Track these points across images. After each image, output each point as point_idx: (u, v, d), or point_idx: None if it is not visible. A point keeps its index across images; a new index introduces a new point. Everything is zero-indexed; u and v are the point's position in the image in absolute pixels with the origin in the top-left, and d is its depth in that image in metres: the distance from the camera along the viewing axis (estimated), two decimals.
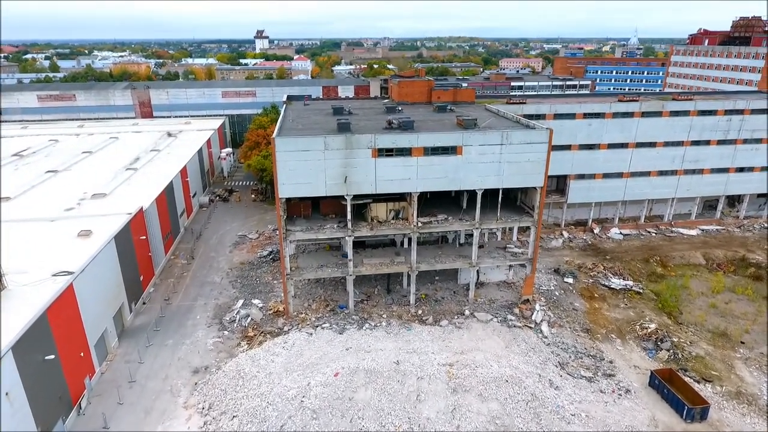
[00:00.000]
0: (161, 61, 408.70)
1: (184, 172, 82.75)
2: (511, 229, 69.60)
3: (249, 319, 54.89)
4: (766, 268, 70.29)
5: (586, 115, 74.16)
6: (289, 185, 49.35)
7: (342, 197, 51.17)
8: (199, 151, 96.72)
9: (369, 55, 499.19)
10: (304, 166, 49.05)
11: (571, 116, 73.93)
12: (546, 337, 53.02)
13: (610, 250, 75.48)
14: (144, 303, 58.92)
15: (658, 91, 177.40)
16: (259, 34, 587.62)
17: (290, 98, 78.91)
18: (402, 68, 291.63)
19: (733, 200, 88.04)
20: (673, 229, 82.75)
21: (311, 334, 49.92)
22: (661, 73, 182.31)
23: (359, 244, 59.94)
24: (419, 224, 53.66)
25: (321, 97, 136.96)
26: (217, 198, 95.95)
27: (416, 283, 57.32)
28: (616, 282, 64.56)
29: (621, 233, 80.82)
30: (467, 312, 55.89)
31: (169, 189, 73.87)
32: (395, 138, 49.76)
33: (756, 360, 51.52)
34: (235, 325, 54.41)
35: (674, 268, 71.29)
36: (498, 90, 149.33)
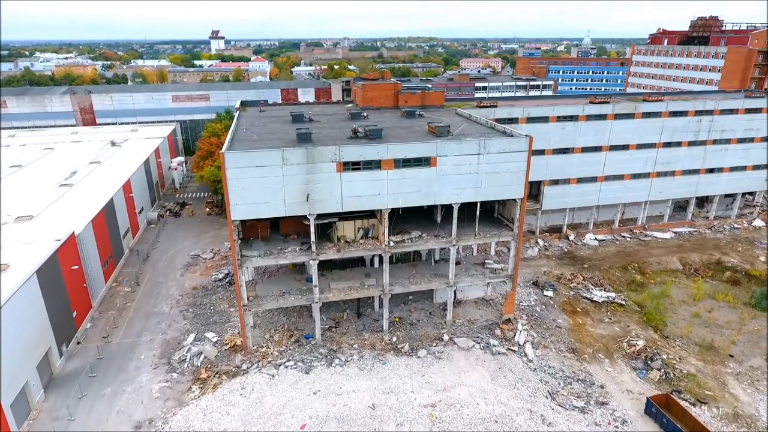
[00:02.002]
0: (109, 63, 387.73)
1: (127, 187, 74.70)
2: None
3: (202, 357, 48.34)
4: (743, 272, 69.10)
5: (560, 118, 71.09)
6: (243, 206, 43.23)
7: (305, 216, 45.49)
8: (147, 162, 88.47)
9: (329, 56, 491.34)
10: (260, 184, 43.05)
11: (545, 119, 70.67)
12: (531, 361, 48.99)
13: (587, 258, 72.71)
14: (78, 343, 51.30)
15: (619, 90, 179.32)
16: (215, 35, 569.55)
17: (244, 104, 72.31)
18: (364, 69, 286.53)
19: (702, 201, 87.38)
20: (647, 232, 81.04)
21: (273, 375, 43.95)
22: (621, 72, 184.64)
23: (325, 264, 54.21)
24: (391, 243, 48.57)
25: (280, 101, 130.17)
26: (168, 213, 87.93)
27: (389, 305, 52.23)
28: (598, 294, 61.47)
29: (596, 239, 78.38)
30: (446, 337, 51.20)
31: (110, 207, 65.97)
32: (362, 150, 44.46)
33: (747, 375, 49.16)
34: (186, 365, 47.72)
35: (653, 275, 69.10)
36: (462, 91, 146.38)
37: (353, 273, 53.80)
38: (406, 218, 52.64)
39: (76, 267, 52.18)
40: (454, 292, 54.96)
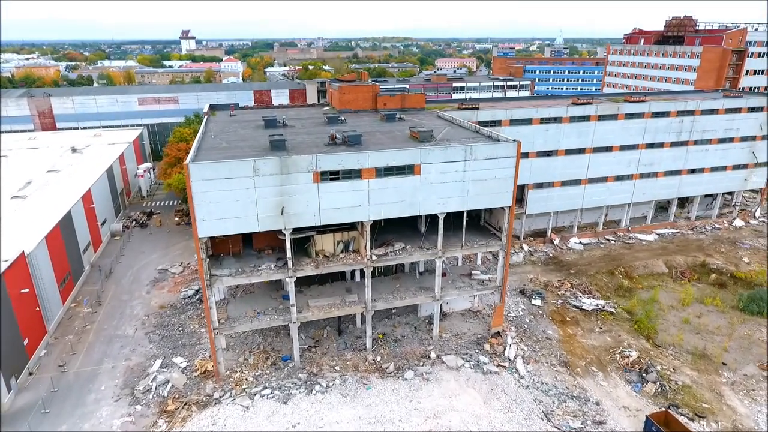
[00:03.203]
0: (73, 63, 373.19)
1: (88, 197, 69.59)
2: None
3: (169, 386, 44.25)
4: (728, 275, 68.37)
5: (543, 120, 69.13)
6: (211, 222, 39.43)
7: (280, 231, 41.94)
8: (110, 169, 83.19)
9: (303, 56, 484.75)
10: (229, 198, 39.32)
11: (528, 122, 68.60)
12: (523, 378, 46.51)
13: (573, 263, 70.96)
14: (31, 374, 46.52)
15: (595, 90, 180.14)
16: (185, 35, 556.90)
17: (213, 107, 68.11)
18: (339, 69, 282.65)
19: (683, 201, 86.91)
20: (631, 235, 79.96)
21: (248, 407, 40.24)
22: (596, 72, 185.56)
23: (303, 279, 50.56)
24: (373, 257, 45.40)
25: (252, 103, 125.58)
26: (134, 223, 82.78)
27: (372, 320, 49.03)
28: (587, 302, 59.57)
29: (581, 243, 76.82)
30: (433, 354, 48.31)
31: (67, 220, 60.99)
32: (341, 158, 41.16)
33: (742, 384, 47.74)
34: (152, 395, 43.57)
35: (639, 279, 67.76)
36: (440, 91, 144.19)
37: (333, 288, 50.42)
38: (388, 229, 49.54)
39: (27, 290, 47.35)
40: (440, 305, 52.11)
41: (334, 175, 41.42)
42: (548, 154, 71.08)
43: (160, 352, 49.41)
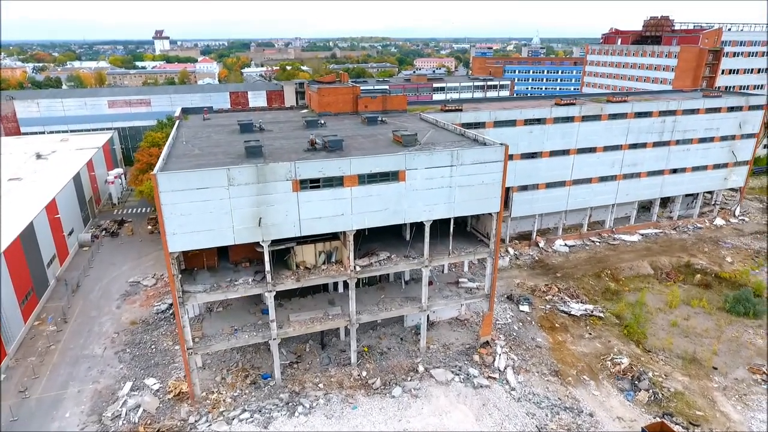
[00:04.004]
0: (41, 65, 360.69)
1: (52, 207, 65.70)
2: None
3: (140, 411, 41.31)
4: (712, 275, 68.23)
5: (527, 122, 67.94)
6: (182, 235, 36.72)
7: (257, 243, 39.45)
8: (78, 176, 79.11)
9: (281, 56, 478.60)
10: (202, 209, 36.68)
11: (512, 123, 67.32)
12: (514, 389, 44.93)
13: (559, 266, 69.95)
14: None
15: (574, 90, 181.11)
16: (158, 35, 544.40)
17: (186, 111, 64.97)
18: (317, 70, 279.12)
19: (665, 200, 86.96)
20: (616, 236, 79.48)
21: None
22: (575, 72, 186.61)
23: (284, 292, 48.12)
24: (357, 268, 43.22)
25: (228, 105, 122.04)
26: (104, 233, 78.85)
27: (356, 332, 46.84)
28: (576, 307, 58.46)
29: (566, 245, 75.95)
30: (421, 368, 46.36)
31: (29, 232, 57.25)
32: (322, 165, 38.88)
33: (733, 389, 47.07)
34: (121, 422, 40.58)
35: (626, 282, 67.11)
36: (421, 92, 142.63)
37: (315, 301, 48.07)
38: (372, 238, 47.43)
39: None
40: (427, 315, 50.21)
41: (314, 183, 39.13)
42: (533, 155, 69.94)
43: (131, 372, 46.32)
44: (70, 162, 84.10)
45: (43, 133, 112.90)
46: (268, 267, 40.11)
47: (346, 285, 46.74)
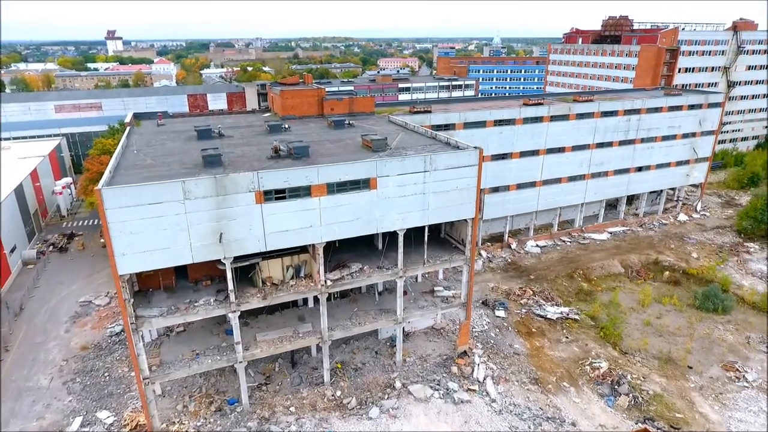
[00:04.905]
0: None
1: None
2: None
3: None
4: (680, 271, 69.02)
5: (497, 123, 66.92)
6: (133, 256, 33.26)
7: (219, 260, 36.34)
8: (20, 187, 73.10)
9: (241, 57, 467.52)
10: (155, 226, 33.33)
11: (482, 124, 66.14)
12: (495, 401, 43.42)
13: (533, 268, 69.26)
14: None
15: (536, 89, 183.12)
16: (111, 35, 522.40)
17: (138, 116, 60.65)
18: (279, 71, 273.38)
19: (631, 198, 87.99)
20: (585, 235, 79.66)
21: None
22: (537, 71, 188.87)
23: (250, 309, 45.07)
24: (328, 282, 40.65)
25: (187, 110, 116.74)
26: (51, 248, 73.15)
27: (329, 348, 44.20)
28: (551, 310, 57.64)
29: (538, 246, 75.48)
30: (398, 384, 44.21)
31: None
32: (287, 174, 36.13)
33: (709, 388, 47.08)
34: None
35: (598, 282, 67.05)
36: (386, 92, 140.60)
37: (284, 317, 45.18)
38: (344, 248, 44.94)
39: None
40: (403, 328, 48.08)
41: (279, 194, 36.35)
42: (503, 157, 69.02)
43: (82, 405, 42.21)
44: (11, 172, 77.72)
45: None
46: (231, 286, 37.05)
47: (316, 299, 44.09)
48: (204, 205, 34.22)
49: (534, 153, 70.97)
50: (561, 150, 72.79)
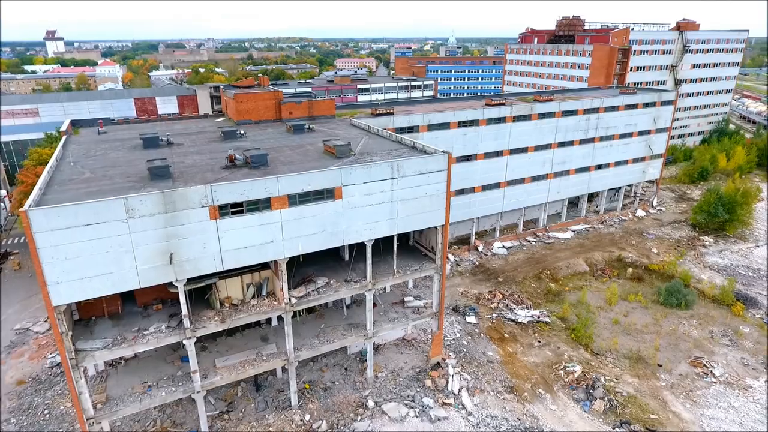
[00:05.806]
0: None
1: None
2: None
3: None
4: (642, 267, 70.03)
5: (461, 124, 65.77)
6: (70, 284, 29.44)
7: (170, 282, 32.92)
8: None
9: (193, 58, 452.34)
10: (95, 249, 29.63)
11: (446, 126, 64.78)
12: (471, 413, 41.91)
13: (500, 270, 68.56)
14: None
15: (494, 89, 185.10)
16: (51, 35, 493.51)
17: (76, 123, 55.67)
18: (233, 71, 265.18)
19: (591, 196, 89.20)
20: (550, 234, 79.89)
21: None
22: (494, 71, 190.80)
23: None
24: (293, 300, 37.89)
25: (134, 114, 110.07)
26: None
27: (296, 369, 41.41)
28: (522, 314, 56.85)
29: (504, 247, 74.98)
30: (371, 402, 41.93)
31: None
32: (244, 186, 33.14)
33: (680, 385, 47.30)
34: None
35: (565, 281, 67.03)
36: (345, 93, 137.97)
37: (246, 338, 42.00)
38: (308, 262, 42.23)
39: None
40: (374, 342, 45.82)
41: (236, 208, 33.31)
42: (468, 158, 67.97)
43: None
44: None
45: None
46: (185, 310, 33.71)
47: (280, 318, 41.19)
48: (151, 224, 30.78)
49: (498, 154, 70.34)
50: (524, 150, 72.53)
